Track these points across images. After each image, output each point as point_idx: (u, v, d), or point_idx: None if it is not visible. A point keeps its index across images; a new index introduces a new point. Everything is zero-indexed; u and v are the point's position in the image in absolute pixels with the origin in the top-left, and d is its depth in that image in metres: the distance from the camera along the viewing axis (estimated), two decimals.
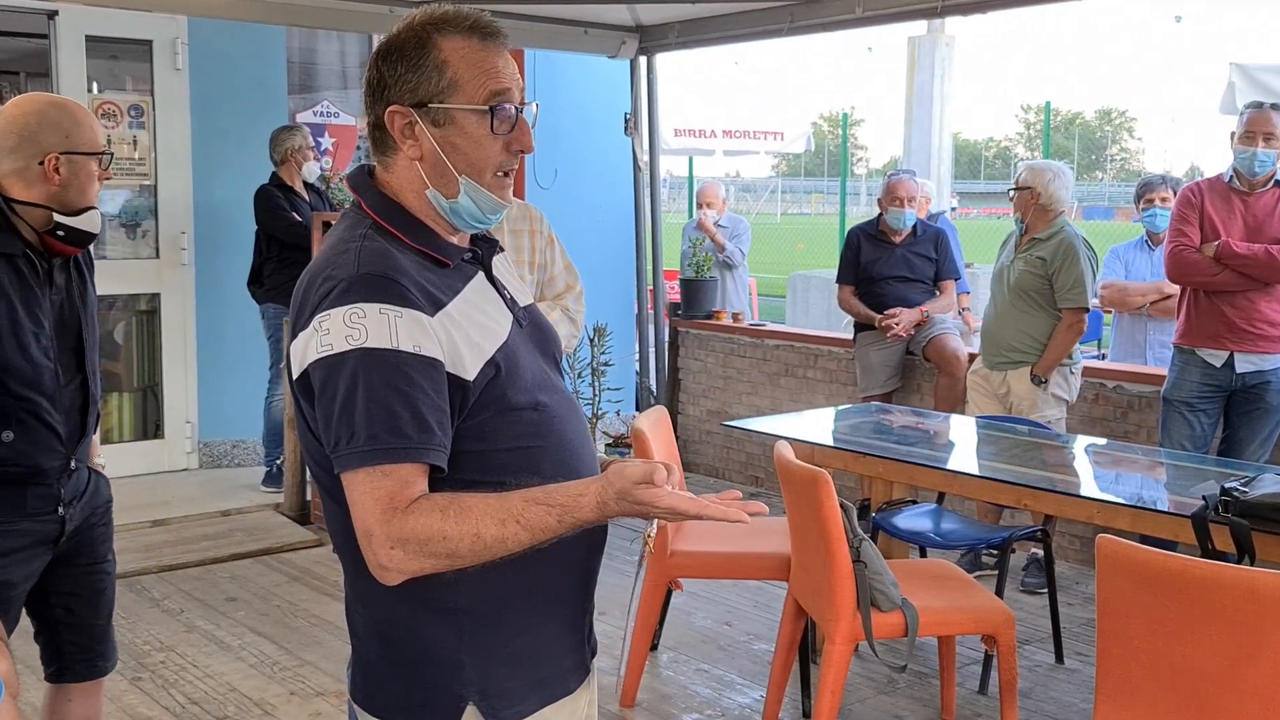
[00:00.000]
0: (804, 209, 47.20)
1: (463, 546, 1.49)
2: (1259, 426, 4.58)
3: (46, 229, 2.54)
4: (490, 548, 1.50)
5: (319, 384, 1.53)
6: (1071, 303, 4.94)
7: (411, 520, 1.48)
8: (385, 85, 1.63)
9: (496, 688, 1.63)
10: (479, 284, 1.68)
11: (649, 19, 6.59)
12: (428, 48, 1.61)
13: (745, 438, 6.82)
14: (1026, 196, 5.06)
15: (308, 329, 1.54)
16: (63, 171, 2.51)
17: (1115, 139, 72.19)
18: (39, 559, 2.62)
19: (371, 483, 1.49)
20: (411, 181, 1.66)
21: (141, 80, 6.79)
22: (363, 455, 1.49)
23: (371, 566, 1.51)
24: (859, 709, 3.92)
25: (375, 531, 1.49)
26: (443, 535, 1.48)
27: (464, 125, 1.63)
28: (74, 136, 2.53)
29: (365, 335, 1.50)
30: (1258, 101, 4.80)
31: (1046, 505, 3.69)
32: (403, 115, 1.62)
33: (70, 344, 2.62)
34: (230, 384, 6.92)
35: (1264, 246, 4.46)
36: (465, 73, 1.62)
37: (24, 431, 2.51)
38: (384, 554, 1.49)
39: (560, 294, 3.82)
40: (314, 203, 6.44)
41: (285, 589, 5.03)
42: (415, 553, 1.49)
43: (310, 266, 1.63)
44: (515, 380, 1.62)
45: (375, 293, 1.52)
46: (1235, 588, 2.34)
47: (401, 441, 1.49)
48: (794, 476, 3.40)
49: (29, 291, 2.51)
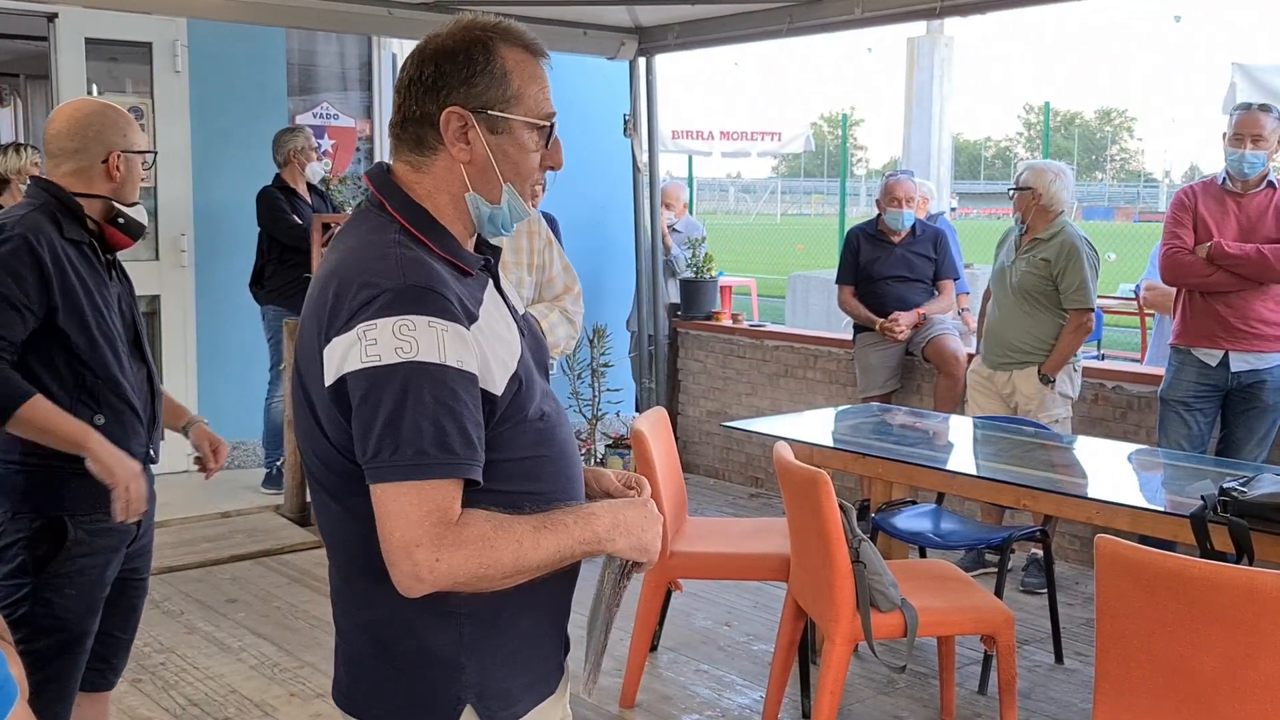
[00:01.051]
0: (804, 209, 47.22)
1: (506, 555, 1.50)
2: (1256, 425, 4.58)
3: (107, 217, 2.67)
4: (526, 555, 1.52)
5: (361, 393, 1.50)
6: (1078, 303, 4.96)
7: (465, 532, 1.49)
8: (445, 86, 1.61)
9: (494, 689, 1.64)
10: (492, 294, 1.68)
11: (648, 20, 6.60)
12: (493, 55, 1.62)
13: (745, 438, 6.82)
14: (1028, 197, 5.06)
15: (347, 335, 1.51)
16: (122, 169, 2.67)
17: (1115, 139, 72.20)
18: (119, 562, 2.69)
19: (419, 495, 1.48)
20: (450, 184, 1.65)
21: (141, 82, 6.80)
22: (408, 469, 1.48)
23: (403, 577, 1.49)
24: (858, 709, 3.92)
25: (424, 544, 1.47)
26: (491, 545, 1.50)
27: (519, 136, 1.64)
28: (130, 136, 2.70)
29: (416, 349, 1.49)
30: (1245, 103, 4.82)
31: (1046, 506, 3.70)
32: (460, 117, 1.61)
33: (131, 336, 2.72)
34: (230, 386, 6.93)
35: (1256, 247, 4.47)
36: (527, 86, 1.64)
37: (114, 416, 2.60)
38: (427, 566, 1.47)
39: (559, 295, 3.83)
40: (316, 205, 6.45)
41: (285, 590, 5.03)
42: (461, 564, 1.48)
43: (336, 268, 1.59)
44: (530, 393, 1.63)
45: (424, 305, 1.51)
46: (1234, 588, 2.35)
47: (450, 458, 1.49)
48: (793, 477, 3.40)
49: (99, 279, 2.63)
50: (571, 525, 1.57)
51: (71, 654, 2.60)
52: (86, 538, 2.57)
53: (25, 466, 2.53)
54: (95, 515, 2.58)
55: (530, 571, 1.53)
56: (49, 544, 2.54)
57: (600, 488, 1.80)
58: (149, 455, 2.72)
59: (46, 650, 2.54)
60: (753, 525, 4.51)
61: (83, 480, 2.54)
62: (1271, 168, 4.62)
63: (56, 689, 2.57)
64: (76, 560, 2.57)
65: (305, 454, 1.66)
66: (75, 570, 2.57)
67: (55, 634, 2.55)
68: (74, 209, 2.61)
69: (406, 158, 1.66)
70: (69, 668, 2.60)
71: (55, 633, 2.55)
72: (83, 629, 2.61)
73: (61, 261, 2.52)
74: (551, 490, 1.64)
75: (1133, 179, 59.66)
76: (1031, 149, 59.17)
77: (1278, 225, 4.52)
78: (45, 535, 2.54)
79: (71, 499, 2.55)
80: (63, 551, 2.54)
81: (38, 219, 2.54)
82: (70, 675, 2.61)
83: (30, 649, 2.42)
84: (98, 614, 2.65)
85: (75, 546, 2.56)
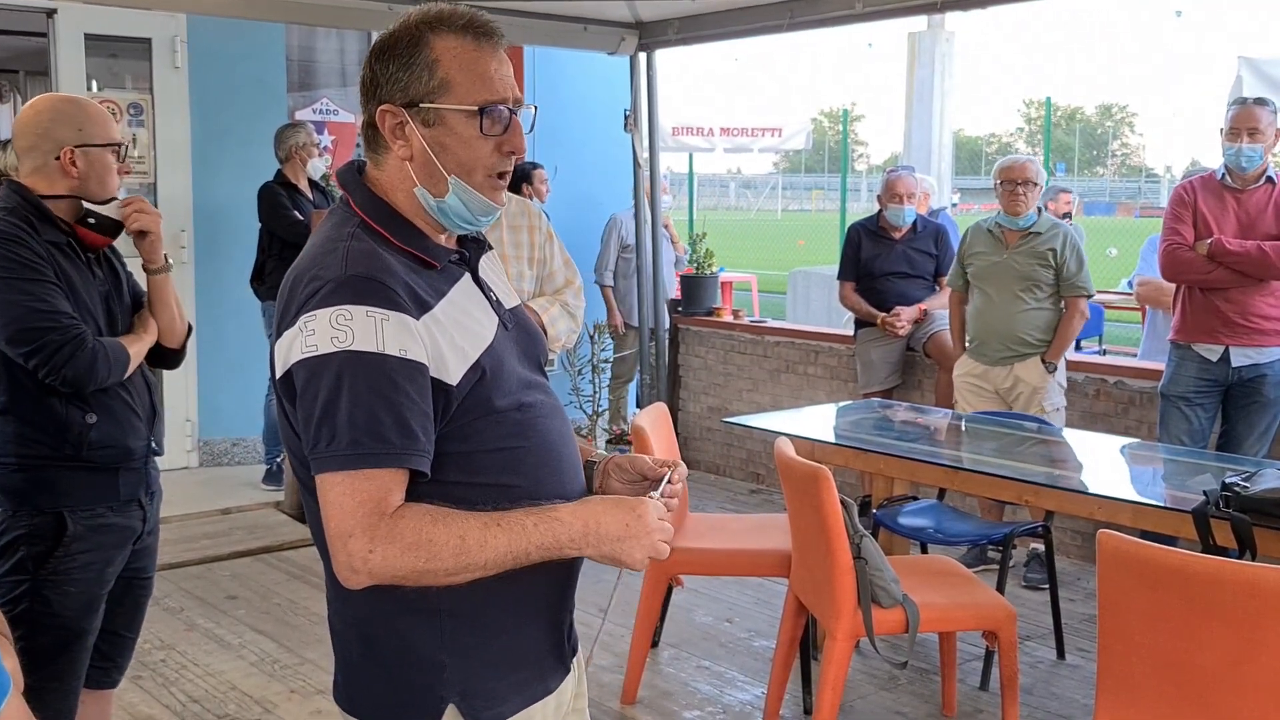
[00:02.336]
0: (805, 205, 47.22)
1: (446, 551, 1.49)
2: (1256, 420, 4.58)
3: (77, 218, 2.62)
4: (470, 552, 1.50)
5: (301, 384, 1.52)
6: (1082, 291, 5.03)
7: (400, 525, 1.48)
8: (378, 84, 1.62)
9: (478, 688, 1.62)
10: (465, 286, 1.67)
11: (649, 15, 6.59)
12: (420, 46, 1.61)
13: (746, 434, 6.81)
14: (1037, 192, 5.10)
15: (292, 328, 1.53)
16: (79, 164, 2.58)
17: (1116, 134, 72.16)
18: (121, 559, 2.69)
19: (352, 485, 1.48)
20: (402, 180, 1.65)
21: (141, 78, 6.79)
22: (343, 459, 1.48)
23: (340, 568, 1.50)
24: (860, 705, 3.91)
25: (355, 534, 1.47)
26: (429, 539, 1.49)
27: (454, 126, 1.62)
28: (86, 129, 2.59)
29: (351, 338, 1.49)
30: (1241, 98, 4.81)
31: (1047, 501, 3.69)
32: (393, 115, 1.61)
33: (127, 329, 2.70)
34: (230, 382, 6.93)
35: (1256, 243, 4.47)
36: (457, 73, 1.61)
37: (107, 413, 2.59)
38: (360, 557, 1.47)
39: (560, 289, 3.82)
40: (317, 201, 6.43)
41: (285, 587, 5.03)
42: (396, 557, 1.48)
43: (296, 265, 1.61)
44: (499, 383, 1.61)
45: (362, 295, 1.51)
46: (1236, 583, 2.34)
47: (384, 447, 1.49)
48: (795, 473, 3.39)
49: (83, 276, 2.60)
50: (530, 528, 1.53)
51: (72, 651, 2.59)
52: (86, 533, 2.57)
53: (22, 465, 2.53)
54: (95, 510, 2.58)
55: (479, 569, 1.51)
56: (48, 540, 2.54)
57: (634, 469, 1.78)
58: (150, 448, 2.71)
59: (47, 647, 2.53)
60: (754, 521, 4.51)
61: (81, 476, 2.55)
62: (1271, 162, 4.61)
63: (59, 686, 2.57)
64: (76, 557, 2.56)
65: (288, 453, 1.67)
66: (75, 567, 2.56)
67: (55, 631, 2.55)
68: (45, 211, 2.56)
69: (370, 156, 1.69)
70: (70, 665, 2.60)
71: (55, 630, 2.55)
72: (83, 626, 2.60)
73: (43, 258, 2.50)
74: (529, 483, 1.62)
75: (1134, 174, 59.65)
76: (1032, 144, 59.08)
77: (1277, 221, 4.51)
78: (44, 531, 2.54)
79: (70, 495, 2.55)
80: (61, 547, 2.54)
81: (11, 224, 2.51)
82: (72, 673, 2.61)
83: (30, 646, 2.41)
84: (98, 611, 2.64)
85: (75, 542, 2.55)
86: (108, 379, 2.54)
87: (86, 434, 2.54)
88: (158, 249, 2.74)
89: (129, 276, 2.80)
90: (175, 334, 2.79)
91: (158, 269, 2.75)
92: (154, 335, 2.72)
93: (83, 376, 2.49)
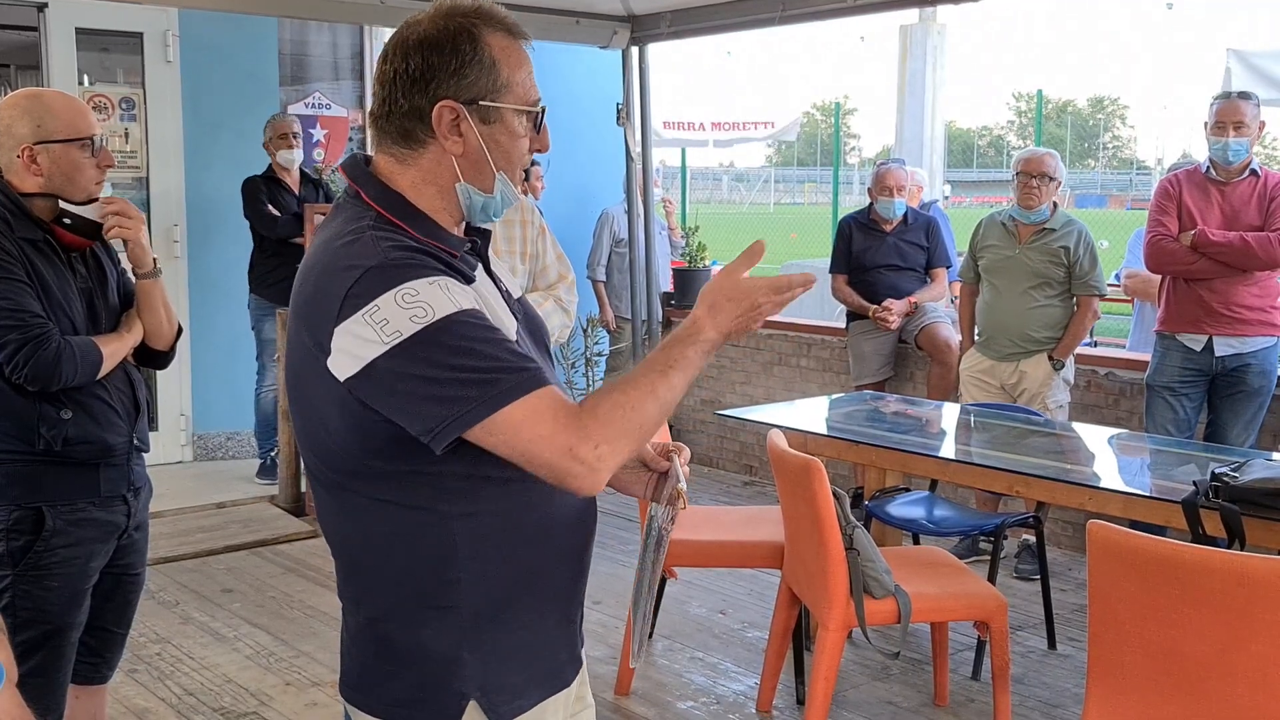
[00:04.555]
0: (797, 198, 47.18)
1: (649, 407, 1.51)
2: (1242, 409, 4.62)
3: (54, 218, 2.56)
4: (665, 400, 1.53)
5: (396, 373, 1.46)
6: (1096, 290, 5.04)
7: (595, 410, 1.49)
8: (433, 78, 1.57)
9: (497, 683, 1.62)
10: (482, 278, 1.66)
11: (640, 9, 6.58)
12: (479, 44, 1.58)
13: (739, 427, 6.83)
14: (1052, 187, 5.09)
15: (351, 323, 1.47)
16: (40, 161, 2.52)
17: (1108, 127, 72.20)
18: (105, 553, 2.67)
19: (535, 409, 1.46)
20: (439, 175, 1.61)
21: (133, 72, 6.78)
22: (497, 398, 1.45)
23: (579, 479, 1.48)
24: (853, 695, 3.94)
25: (574, 442, 1.46)
26: (629, 405, 1.50)
27: (510, 124, 1.62)
28: (46, 125, 2.51)
29: (430, 310, 1.46)
30: (1226, 92, 4.85)
31: (1038, 492, 3.71)
32: (452, 110, 1.58)
33: (111, 326, 2.66)
34: (224, 376, 6.93)
35: (1240, 234, 4.51)
36: (514, 73, 1.61)
37: (84, 410, 2.56)
38: (593, 457, 1.46)
39: (553, 284, 3.83)
40: (306, 195, 6.42)
41: (280, 580, 5.04)
42: (615, 437, 1.48)
43: (315, 264, 1.56)
44: None
45: (415, 269, 1.50)
46: (1225, 572, 2.36)
47: (532, 366, 1.49)
48: (787, 465, 3.41)
49: (58, 274, 2.55)
50: (694, 358, 1.58)
51: (55, 645, 2.58)
52: (66, 528, 2.55)
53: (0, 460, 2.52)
54: (75, 505, 2.57)
55: (671, 394, 1.54)
56: (27, 535, 2.52)
57: (636, 458, 1.81)
58: (133, 444, 2.68)
59: (30, 642, 2.52)
60: (747, 513, 4.52)
61: (60, 470, 2.53)
62: (1254, 156, 4.64)
63: (43, 681, 2.55)
64: (57, 551, 2.55)
65: (305, 453, 1.64)
66: (56, 561, 2.55)
67: (38, 625, 2.53)
68: (21, 207, 2.52)
69: (390, 150, 1.62)
70: (54, 659, 2.58)
71: (38, 624, 2.53)
72: (66, 621, 2.59)
73: (13, 256, 2.47)
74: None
75: (1125, 167, 59.63)
76: (1024, 137, 59.17)
77: (1260, 213, 4.55)
78: (23, 526, 2.52)
79: (49, 489, 2.54)
80: (40, 542, 2.52)
81: None
82: (56, 667, 2.59)
83: (13, 641, 2.40)
84: (82, 606, 2.62)
85: (54, 537, 2.54)
86: (74, 378, 2.50)
87: (62, 430, 2.52)
88: (142, 255, 2.68)
89: (121, 274, 2.77)
90: (162, 337, 2.76)
91: (145, 274, 2.71)
92: (137, 336, 2.69)
93: (46, 375, 2.45)
